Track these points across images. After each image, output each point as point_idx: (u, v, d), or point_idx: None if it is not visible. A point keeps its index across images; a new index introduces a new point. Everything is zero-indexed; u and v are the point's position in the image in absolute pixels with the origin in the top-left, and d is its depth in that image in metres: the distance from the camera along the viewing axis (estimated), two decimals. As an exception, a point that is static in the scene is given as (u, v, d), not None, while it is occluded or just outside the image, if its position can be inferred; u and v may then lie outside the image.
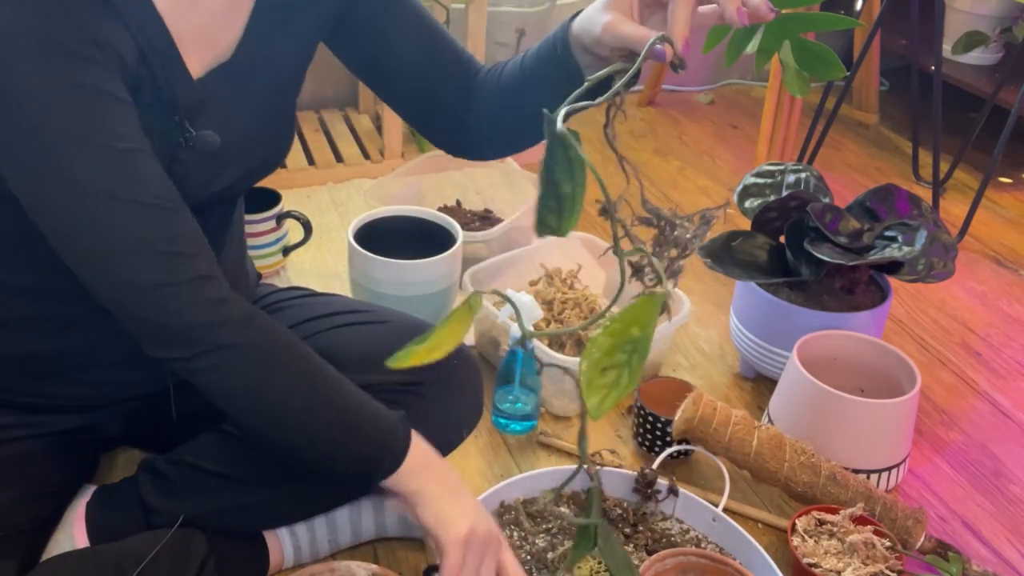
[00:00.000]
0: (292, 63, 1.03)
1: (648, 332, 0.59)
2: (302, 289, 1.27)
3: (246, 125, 0.97)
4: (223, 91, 0.93)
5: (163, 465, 1.10)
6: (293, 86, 1.06)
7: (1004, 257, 2.02)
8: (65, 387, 1.05)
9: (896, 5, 2.08)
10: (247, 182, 1.03)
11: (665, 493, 1.21)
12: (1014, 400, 1.58)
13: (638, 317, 0.59)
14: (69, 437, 1.09)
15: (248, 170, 1.01)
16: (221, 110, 0.94)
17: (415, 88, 1.06)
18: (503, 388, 1.40)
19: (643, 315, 0.59)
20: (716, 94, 2.78)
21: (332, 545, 1.16)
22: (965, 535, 1.30)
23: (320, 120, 2.32)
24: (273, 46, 0.98)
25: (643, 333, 0.58)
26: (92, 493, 1.12)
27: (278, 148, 1.05)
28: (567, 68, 0.91)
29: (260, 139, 1.00)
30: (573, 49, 0.90)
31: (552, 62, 0.93)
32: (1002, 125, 1.92)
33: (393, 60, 1.04)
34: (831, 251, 1.37)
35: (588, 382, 0.58)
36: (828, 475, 1.23)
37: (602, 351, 0.58)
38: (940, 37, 2.07)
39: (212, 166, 0.95)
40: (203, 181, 0.95)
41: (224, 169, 0.97)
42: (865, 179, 2.32)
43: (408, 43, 1.03)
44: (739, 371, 1.59)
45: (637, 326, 0.59)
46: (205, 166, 0.94)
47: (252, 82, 0.97)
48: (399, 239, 1.56)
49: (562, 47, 0.91)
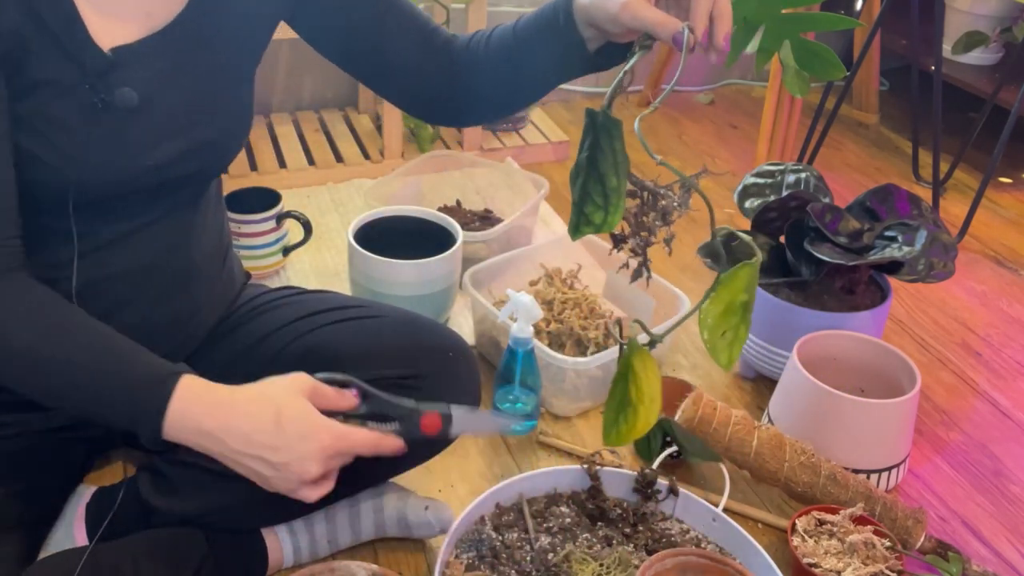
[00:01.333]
0: (240, 44, 1.04)
1: (753, 295, 0.69)
2: (294, 288, 1.27)
3: (181, 97, 0.98)
4: (156, 61, 0.95)
5: (163, 465, 1.11)
6: (242, 68, 1.06)
7: (1004, 257, 2.02)
8: None
9: (896, 5, 2.08)
10: (192, 163, 1.02)
11: (665, 493, 1.21)
12: (1014, 400, 1.58)
13: (745, 284, 0.68)
14: (58, 436, 1.09)
15: (190, 148, 1.00)
16: (150, 78, 0.95)
17: (384, 63, 1.06)
18: (503, 388, 1.40)
19: (748, 281, 0.68)
20: (716, 94, 2.78)
21: (332, 545, 1.16)
22: (965, 535, 1.30)
23: (320, 120, 2.32)
24: (218, 24, 0.99)
25: (750, 297, 0.69)
26: (92, 493, 1.13)
27: (226, 130, 1.05)
28: (568, 39, 0.92)
29: (199, 115, 1.00)
30: (577, 22, 0.90)
31: (551, 31, 0.93)
32: (1002, 125, 1.92)
33: (357, 38, 1.05)
34: (831, 251, 1.37)
35: (712, 346, 0.67)
36: (828, 475, 1.23)
37: (716, 318, 0.67)
38: (940, 37, 2.07)
39: (142, 133, 0.95)
40: (135, 150, 0.95)
41: (159, 140, 0.97)
42: (865, 179, 2.32)
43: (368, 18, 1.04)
44: (739, 371, 1.59)
45: (745, 292, 0.68)
46: (132, 131, 0.95)
47: (190, 56, 0.98)
48: (399, 239, 1.56)
49: (565, 18, 0.91)
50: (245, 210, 1.64)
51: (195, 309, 1.13)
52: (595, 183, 0.66)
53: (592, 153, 0.67)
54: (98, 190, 0.95)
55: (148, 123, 0.96)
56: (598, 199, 0.67)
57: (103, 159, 0.94)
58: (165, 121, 0.97)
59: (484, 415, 1.04)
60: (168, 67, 0.96)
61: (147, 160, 0.97)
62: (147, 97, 0.94)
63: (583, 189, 0.67)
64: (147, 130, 0.96)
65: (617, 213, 0.67)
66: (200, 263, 1.11)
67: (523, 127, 2.34)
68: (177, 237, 1.07)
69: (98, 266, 1.01)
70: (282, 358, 1.12)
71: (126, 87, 0.93)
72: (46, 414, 1.08)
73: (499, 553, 1.12)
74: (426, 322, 1.18)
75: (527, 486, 1.21)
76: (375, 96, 2.31)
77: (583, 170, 0.68)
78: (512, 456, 1.38)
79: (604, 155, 0.66)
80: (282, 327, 1.15)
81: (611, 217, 0.67)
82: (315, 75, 2.34)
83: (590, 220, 0.67)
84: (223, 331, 1.18)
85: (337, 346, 1.11)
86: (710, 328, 0.67)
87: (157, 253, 1.05)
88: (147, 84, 0.94)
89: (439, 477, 1.32)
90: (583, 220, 0.68)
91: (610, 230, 0.72)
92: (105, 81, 0.92)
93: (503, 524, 1.16)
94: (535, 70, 0.99)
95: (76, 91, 0.91)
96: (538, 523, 1.18)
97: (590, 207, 0.67)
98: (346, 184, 2.10)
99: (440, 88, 1.06)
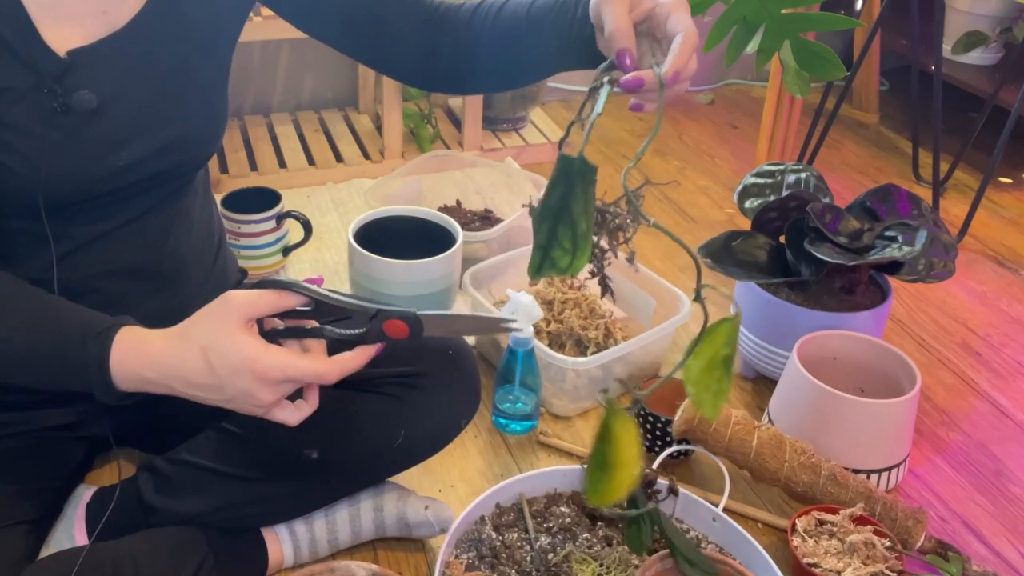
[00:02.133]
0: (209, 37, 1.02)
1: (734, 348, 0.70)
2: None
3: (147, 96, 0.97)
4: (117, 61, 0.94)
5: (163, 464, 1.11)
6: (213, 61, 1.04)
7: (1004, 257, 2.02)
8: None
9: (896, 5, 2.08)
10: (164, 161, 1.01)
11: (665, 493, 1.21)
12: (1014, 400, 1.58)
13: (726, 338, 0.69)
14: (55, 435, 1.09)
15: (161, 147, 0.99)
16: (111, 79, 0.93)
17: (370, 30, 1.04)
18: (503, 388, 1.40)
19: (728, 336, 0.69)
20: (716, 94, 2.78)
21: (332, 545, 1.16)
22: (965, 535, 1.30)
23: (320, 120, 2.32)
24: (184, 18, 0.98)
25: (731, 350, 0.70)
26: (92, 493, 1.13)
27: (197, 127, 1.03)
28: (580, 32, 0.91)
29: (166, 113, 0.99)
30: (591, 15, 0.89)
31: (566, 20, 0.92)
32: (1002, 125, 1.92)
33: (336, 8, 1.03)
34: (831, 251, 1.37)
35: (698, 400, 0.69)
36: (828, 475, 1.23)
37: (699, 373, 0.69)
38: (940, 37, 2.07)
39: (106, 135, 0.94)
40: (101, 151, 0.94)
41: (127, 140, 0.96)
42: (865, 179, 2.32)
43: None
44: (739, 371, 1.59)
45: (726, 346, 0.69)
46: (96, 133, 0.93)
47: (154, 53, 0.96)
48: (399, 239, 1.56)
49: (583, 11, 0.90)
50: (245, 210, 1.64)
51: (185, 305, 1.13)
52: (566, 228, 0.65)
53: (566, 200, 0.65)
54: (67, 193, 0.94)
55: (112, 124, 0.94)
56: (567, 244, 0.66)
57: (68, 163, 0.92)
58: (131, 121, 0.96)
59: (464, 316, 0.91)
60: (130, 66, 0.95)
61: (116, 161, 0.96)
62: (110, 98, 0.93)
63: (551, 233, 0.65)
64: (112, 131, 0.95)
65: (584, 257, 0.67)
66: (188, 258, 1.11)
67: (523, 127, 2.34)
68: (160, 234, 1.06)
69: (79, 266, 1.00)
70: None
71: (84, 90, 0.91)
72: (46, 414, 1.08)
73: (499, 553, 1.12)
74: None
75: (527, 486, 1.21)
76: (375, 96, 2.31)
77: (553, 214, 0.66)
78: (512, 456, 1.38)
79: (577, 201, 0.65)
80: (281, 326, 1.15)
81: (577, 261, 0.67)
82: (315, 75, 2.34)
83: (555, 264, 0.67)
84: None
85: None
86: (695, 382, 0.69)
87: (140, 251, 1.04)
88: (108, 85, 0.93)
89: (439, 477, 1.32)
90: (548, 263, 0.67)
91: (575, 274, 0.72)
92: (62, 84, 0.90)
93: (503, 524, 1.16)
94: (540, 54, 0.97)
95: (33, 96, 0.89)
96: (538, 523, 1.18)
97: (558, 251, 0.66)
98: (346, 184, 2.10)
99: (439, 60, 1.04)
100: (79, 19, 0.92)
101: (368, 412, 1.08)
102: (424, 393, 1.10)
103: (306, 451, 1.06)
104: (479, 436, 1.41)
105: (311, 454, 1.06)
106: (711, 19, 0.99)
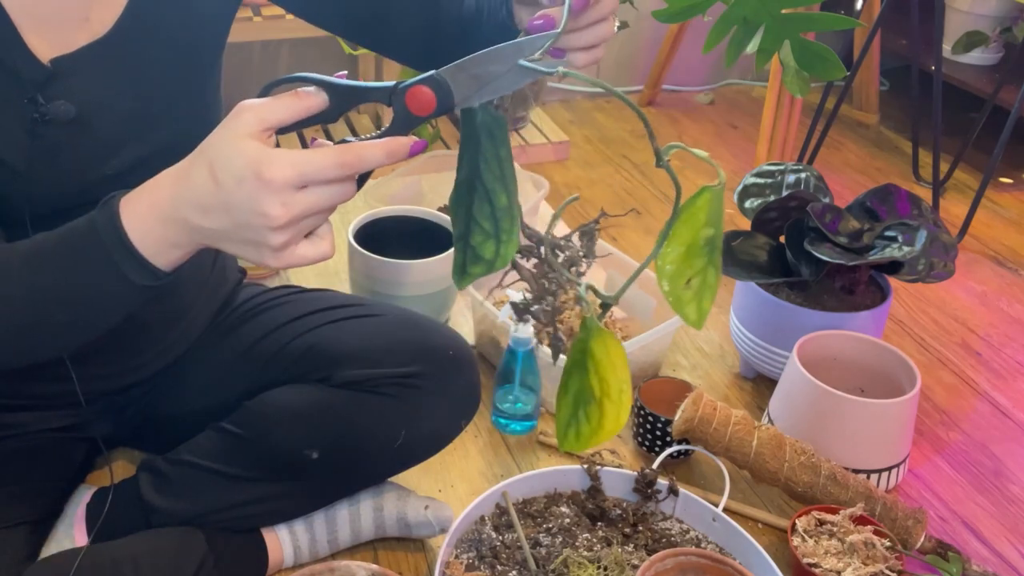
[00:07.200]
0: (195, 39, 1.00)
1: (720, 227, 0.52)
2: (294, 287, 1.27)
3: (133, 102, 0.95)
4: (100, 68, 0.92)
5: (163, 464, 1.11)
6: (200, 62, 1.02)
7: (1004, 257, 2.02)
8: (44, 383, 1.05)
9: (896, 5, 2.08)
10: (155, 167, 0.89)
11: (665, 493, 1.21)
12: (1014, 400, 1.58)
13: (707, 214, 0.52)
14: (56, 436, 1.09)
15: (151, 153, 0.96)
16: (96, 87, 0.92)
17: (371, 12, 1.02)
18: (503, 388, 1.40)
19: (711, 211, 0.52)
20: (716, 94, 2.78)
21: (332, 545, 1.16)
22: (965, 535, 1.30)
23: (320, 120, 2.31)
24: (162, 24, 0.96)
25: (716, 231, 0.52)
26: (93, 494, 1.13)
27: (188, 131, 0.97)
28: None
29: (154, 119, 0.97)
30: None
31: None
32: (1002, 125, 1.92)
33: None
34: (831, 251, 1.37)
35: (676, 298, 0.52)
36: (828, 475, 1.23)
37: (677, 262, 0.52)
38: (940, 37, 2.07)
39: (92, 143, 0.92)
40: (88, 160, 0.93)
41: (115, 148, 0.94)
42: (865, 179, 2.32)
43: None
44: (739, 371, 1.59)
45: (709, 225, 0.52)
46: (81, 142, 0.92)
47: (138, 59, 0.95)
48: (399, 239, 1.56)
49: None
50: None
51: (184, 308, 1.13)
52: (481, 203, 0.53)
53: (475, 164, 0.52)
54: (55, 202, 0.92)
55: (98, 132, 0.93)
56: (486, 224, 0.53)
57: (54, 171, 0.91)
58: (117, 128, 0.94)
59: (491, 52, 0.70)
60: (114, 73, 0.93)
61: (105, 169, 0.94)
62: (95, 105, 0.91)
63: (467, 215, 0.53)
64: (98, 139, 0.93)
65: (511, 243, 0.54)
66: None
67: (523, 127, 2.34)
68: None
69: None
70: (281, 357, 1.13)
71: (65, 99, 0.89)
72: (47, 415, 1.08)
73: (499, 553, 1.12)
74: (426, 321, 1.18)
75: (527, 486, 1.21)
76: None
77: (464, 189, 0.52)
78: (512, 456, 1.38)
79: (488, 165, 0.53)
80: (281, 326, 1.15)
81: (504, 248, 0.53)
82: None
83: (479, 256, 0.53)
84: (221, 331, 1.18)
85: (337, 345, 1.11)
86: (670, 277, 0.52)
87: None
88: (93, 93, 0.92)
89: (439, 477, 1.32)
90: (471, 257, 0.54)
91: (504, 265, 0.55)
92: (44, 93, 0.88)
93: (503, 524, 1.16)
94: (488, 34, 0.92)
95: (16, 104, 0.88)
96: (538, 523, 1.18)
97: (478, 236, 0.53)
98: (346, 184, 2.09)
99: (443, 42, 1.01)
100: (62, 27, 0.90)
101: (368, 412, 1.08)
102: (424, 394, 1.10)
103: (306, 451, 1.06)
104: (479, 436, 1.41)
105: (311, 454, 1.06)
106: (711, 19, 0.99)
